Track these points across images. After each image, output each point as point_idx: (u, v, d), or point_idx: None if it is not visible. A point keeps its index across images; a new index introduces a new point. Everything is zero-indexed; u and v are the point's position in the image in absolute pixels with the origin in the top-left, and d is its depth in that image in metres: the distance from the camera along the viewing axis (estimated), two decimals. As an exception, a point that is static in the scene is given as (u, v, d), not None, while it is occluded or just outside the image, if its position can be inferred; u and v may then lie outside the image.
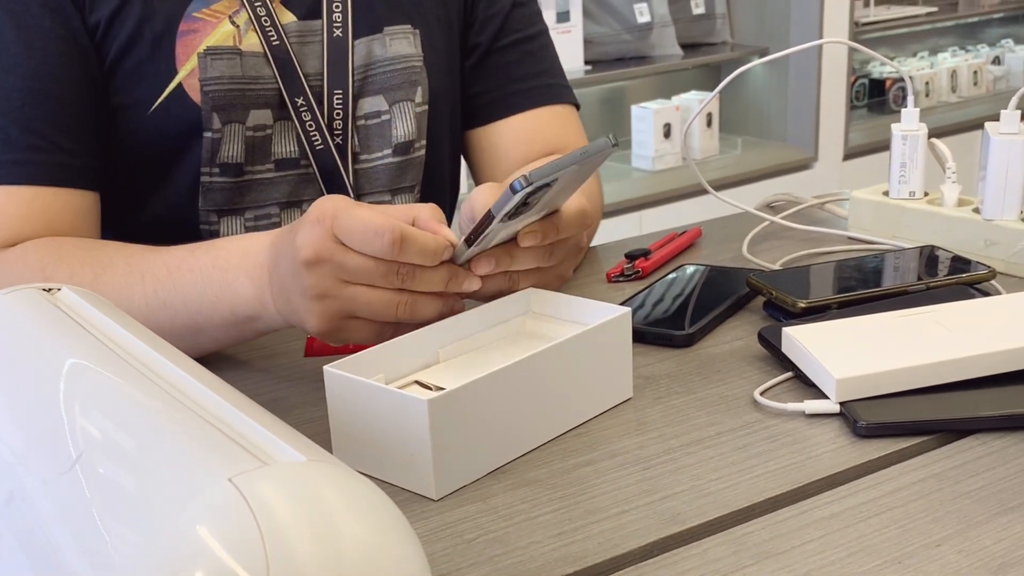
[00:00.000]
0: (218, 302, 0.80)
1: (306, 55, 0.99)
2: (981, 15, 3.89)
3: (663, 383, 0.78)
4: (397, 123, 1.03)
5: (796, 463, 0.66)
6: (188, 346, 0.81)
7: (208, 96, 0.95)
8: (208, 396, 0.50)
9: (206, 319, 0.81)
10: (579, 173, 0.72)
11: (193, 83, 0.95)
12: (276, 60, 0.97)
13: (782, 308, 0.86)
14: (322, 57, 1.00)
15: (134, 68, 0.95)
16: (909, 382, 0.71)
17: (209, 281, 0.80)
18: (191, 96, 0.95)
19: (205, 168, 0.97)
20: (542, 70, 1.12)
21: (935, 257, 0.95)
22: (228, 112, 0.96)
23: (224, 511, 0.39)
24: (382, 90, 1.02)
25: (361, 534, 0.41)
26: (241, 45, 0.96)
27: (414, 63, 1.03)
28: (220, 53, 0.95)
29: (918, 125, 1.03)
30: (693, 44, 3.23)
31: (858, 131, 3.39)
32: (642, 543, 0.59)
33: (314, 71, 1.00)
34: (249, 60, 0.97)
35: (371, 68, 1.02)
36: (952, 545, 0.57)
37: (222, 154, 0.97)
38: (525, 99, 1.09)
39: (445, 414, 0.63)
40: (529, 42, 1.12)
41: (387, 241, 0.69)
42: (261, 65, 0.97)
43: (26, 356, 0.57)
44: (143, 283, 0.83)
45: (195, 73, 0.95)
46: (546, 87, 1.11)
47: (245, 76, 0.96)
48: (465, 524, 0.61)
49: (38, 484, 0.47)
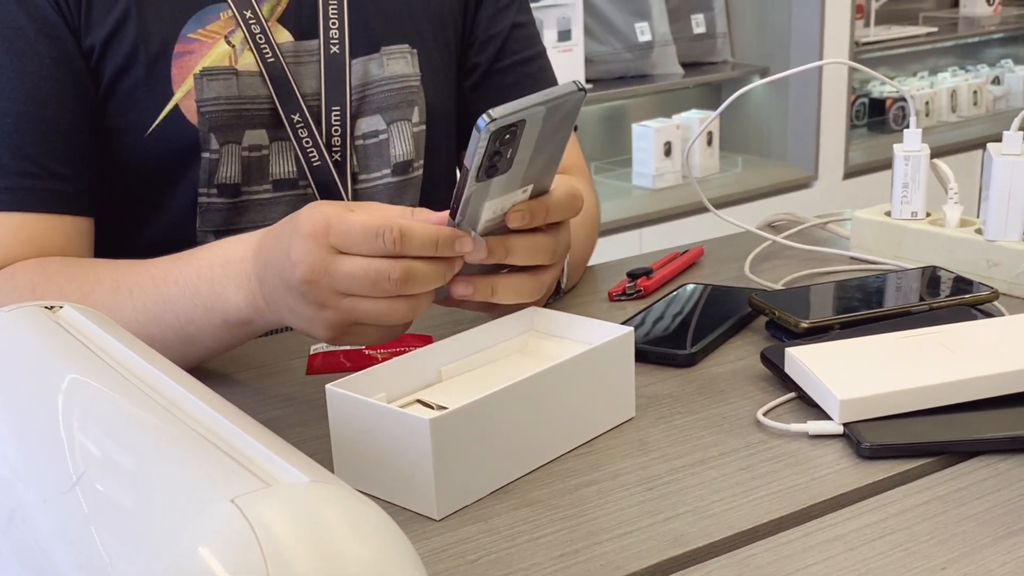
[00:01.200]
0: (210, 312, 0.80)
1: (302, 75, 0.99)
2: (981, 35, 3.90)
3: (665, 403, 0.77)
4: (395, 142, 1.03)
5: (800, 484, 0.66)
6: (181, 356, 0.81)
7: (205, 117, 0.95)
8: (211, 416, 0.49)
9: (198, 329, 0.81)
10: (551, 129, 0.71)
11: (190, 104, 0.95)
12: (272, 78, 0.97)
13: (784, 328, 0.86)
14: (319, 76, 0.99)
15: (130, 90, 0.94)
16: (913, 403, 0.71)
17: (197, 292, 0.80)
18: (188, 117, 0.95)
19: (203, 189, 0.97)
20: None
21: (937, 278, 0.94)
22: (225, 132, 0.96)
23: (227, 532, 0.39)
24: (380, 109, 1.02)
25: (364, 556, 0.40)
26: (237, 65, 0.96)
27: (411, 83, 1.03)
28: (216, 74, 0.95)
29: (920, 146, 1.03)
30: (694, 63, 3.24)
31: (858, 150, 3.39)
32: (645, 565, 0.58)
33: (311, 91, 0.99)
34: (245, 80, 0.96)
35: (368, 88, 1.01)
36: (957, 568, 0.57)
37: (220, 175, 0.97)
38: None
39: (447, 433, 0.63)
40: (528, 64, 1.12)
41: (387, 239, 0.69)
42: (257, 84, 0.97)
43: (28, 374, 0.57)
44: (131, 297, 0.83)
45: (191, 94, 0.95)
46: None
47: (241, 96, 0.96)
48: (467, 545, 0.61)
49: (39, 503, 0.46)
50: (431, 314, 0.98)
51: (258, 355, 0.90)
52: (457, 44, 1.09)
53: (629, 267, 1.03)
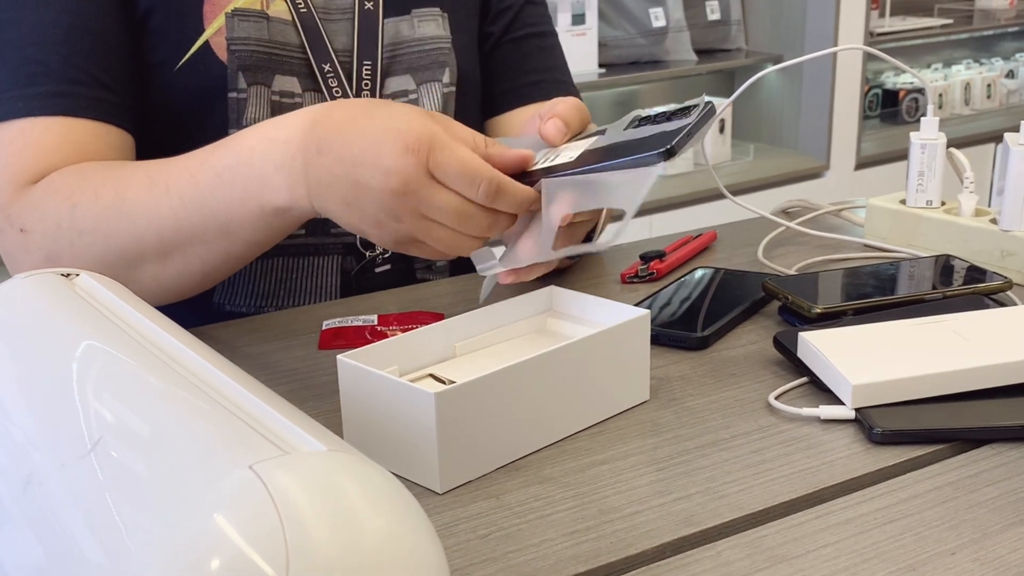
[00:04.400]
0: (246, 199, 0.79)
1: (333, 31, 1.00)
2: (996, 28, 3.89)
3: (677, 385, 0.77)
4: (425, 102, 1.03)
5: (811, 468, 0.66)
6: (223, 254, 0.82)
7: (235, 55, 0.95)
8: (227, 384, 0.50)
9: (235, 219, 0.80)
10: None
11: (220, 41, 0.95)
12: (304, 28, 0.97)
13: (797, 313, 0.86)
14: (351, 33, 1.00)
15: (162, 24, 0.95)
16: (925, 390, 0.71)
17: (234, 178, 0.79)
18: (218, 54, 0.95)
19: (232, 129, 0.96)
20: (552, 66, 1.12)
21: (951, 266, 0.94)
22: (254, 73, 0.96)
23: (244, 498, 0.39)
24: (410, 70, 1.03)
25: (380, 524, 0.40)
26: (268, 10, 0.97)
27: (442, 44, 1.04)
28: (247, 15, 0.96)
29: (937, 134, 1.03)
30: (707, 50, 3.23)
31: (870, 141, 3.38)
32: (655, 544, 0.59)
33: (342, 47, 1.00)
34: (276, 25, 0.97)
35: (399, 48, 1.02)
36: (967, 554, 0.57)
37: (248, 116, 0.96)
38: (537, 91, 1.10)
39: (453, 408, 0.63)
40: (540, 38, 1.12)
41: (482, 190, 0.71)
42: (289, 32, 0.97)
43: (45, 340, 0.57)
44: (168, 194, 0.82)
45: (222, 32, 0.95)
46: (557, 82, 1.11)
47: (272, 40, 0.97)
48: (478, 520, 0.61)
49: (56, 468, 0.47)
50: (444, 292, 0.98)
51: (270, 331, 0.90)
52: (477, 11, 1.09)
53: (641, 250, 1.02)
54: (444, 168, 0.71)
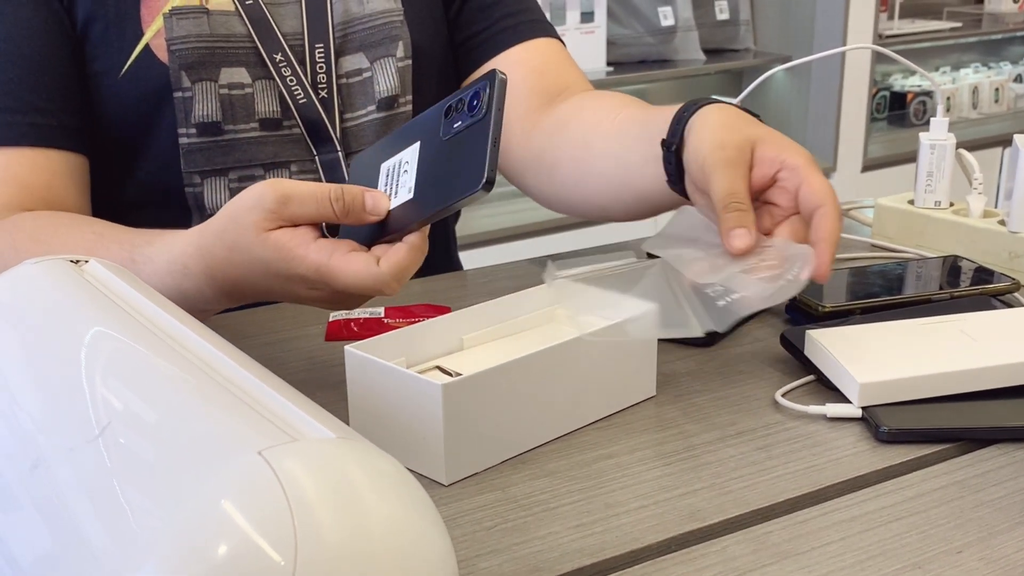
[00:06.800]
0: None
1: (282, 16, 0.99)
2: (1005, 32, 3.88)
3: (684, 381, 0.77)
4: (379, 79, 1.02)
5: (817, 465, 0.66)
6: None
7: (175, 55, 0.94)
8: (236, 371, 0.50)
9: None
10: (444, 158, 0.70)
11: (160, 43, 0.94)
12: (251, 18, 0.97)
13: (805, 311, 0.86)
14: (299, 16, 0.99)
15: (102, 33, 0.94)
16: (932, 389, 0.71)
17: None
18: (159, 57, 0.95)
19: (181, 129, 0.96)
20: (522, 8, 1.09)
21: (959, 267, 0.94)
22: (198, 70, 0.95)
23: (253, 484, 0.39)
24: (362, 47, 1.01)
25: (388, 511, 0.40)
26: (208, 4, 0.96)
27: (394, 18, 1.02)
28: (186, 12, 0.95)
29: (947, 135, 1.03)
30: (716, 50, 3.22)
31: (878, 143, 3.38)
32: (661, 538, 0.59)
33: (292, 31, 0.99)
34: (218, 18, 0.96)
35: (350, 26, 1.01)
36: (973, 552, 0.57)
37: (196, 113, 0.96)
38: (513, 34, 1.07)
39: (460, 400, 0.63)
40: None
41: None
42: (233, 23, 0.96)
43: (54, 326, 0.57)
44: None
45: (161, 33, 0.94)
46: (532, 22, 1.09)
47: (214, 34, 0.96)
48: (484, 512, 0.61)
49: (62, 454, 0.47)
50: (451, 285, 0.98)
51: (277, 322, 0.90)
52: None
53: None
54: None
